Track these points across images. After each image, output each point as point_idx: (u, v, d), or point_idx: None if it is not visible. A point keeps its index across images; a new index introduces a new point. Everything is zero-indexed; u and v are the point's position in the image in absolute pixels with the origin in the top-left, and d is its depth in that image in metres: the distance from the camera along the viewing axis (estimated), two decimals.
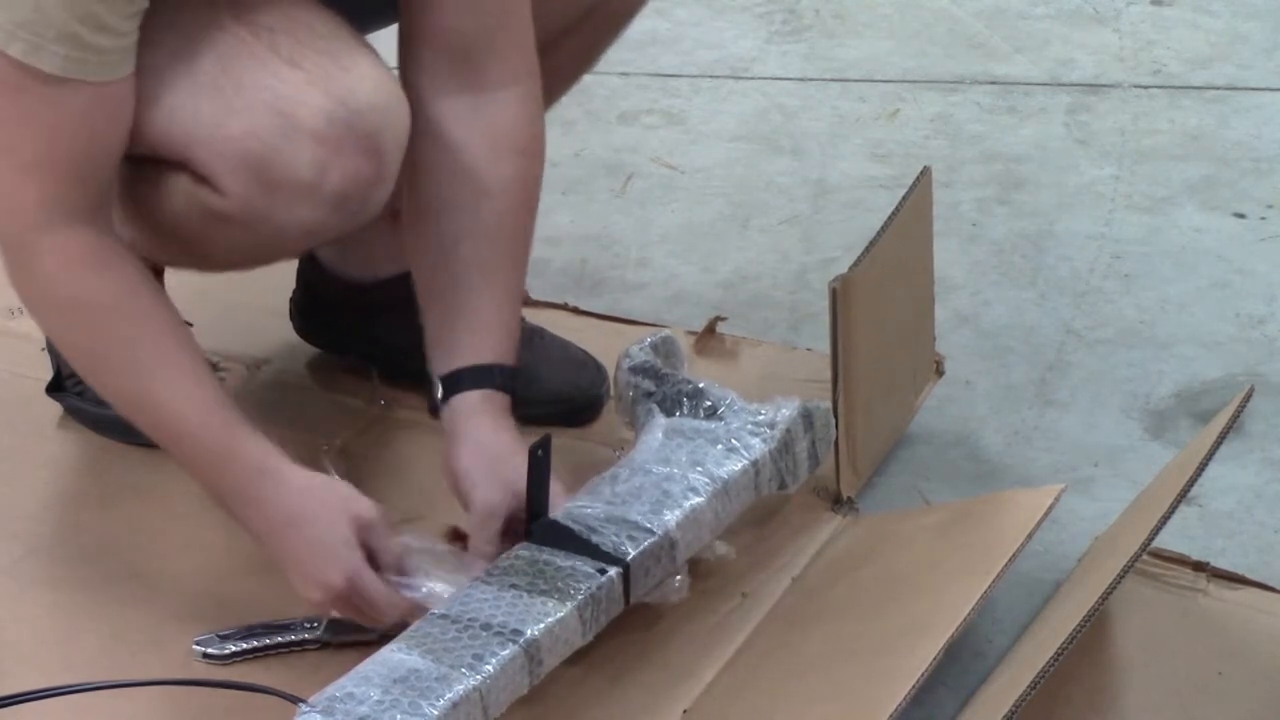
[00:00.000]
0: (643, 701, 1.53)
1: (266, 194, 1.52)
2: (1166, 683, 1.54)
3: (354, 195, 1.53)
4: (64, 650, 1.58)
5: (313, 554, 1.50)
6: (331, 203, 1.53)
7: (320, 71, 1.51)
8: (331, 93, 1.51)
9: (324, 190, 1.52)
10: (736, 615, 1.61)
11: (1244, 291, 2.16)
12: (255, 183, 1.51)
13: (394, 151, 1.55)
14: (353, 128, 1.51)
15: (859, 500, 1.76)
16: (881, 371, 1.80)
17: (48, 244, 1.50)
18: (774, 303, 2.16)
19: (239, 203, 1.52)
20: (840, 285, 1.68)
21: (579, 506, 1.56)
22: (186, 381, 1.53)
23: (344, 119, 1.50)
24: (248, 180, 1.51)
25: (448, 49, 1.62)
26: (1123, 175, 2.43)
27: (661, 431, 1.66)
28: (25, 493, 1.79)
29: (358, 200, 1.54)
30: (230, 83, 1.51)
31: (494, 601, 1.45)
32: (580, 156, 2.49)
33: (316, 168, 1.51)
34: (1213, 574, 1.65)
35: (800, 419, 1.68)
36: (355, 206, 1.55)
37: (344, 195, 1.53)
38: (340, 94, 1.51)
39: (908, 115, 2.61)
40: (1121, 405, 1.95)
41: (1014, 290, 2.18)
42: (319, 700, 1.35)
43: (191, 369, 1.54)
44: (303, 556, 1.51)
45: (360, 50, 1.56)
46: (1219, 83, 2.68)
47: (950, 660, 1.49)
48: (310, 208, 1.53)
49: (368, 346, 1.92)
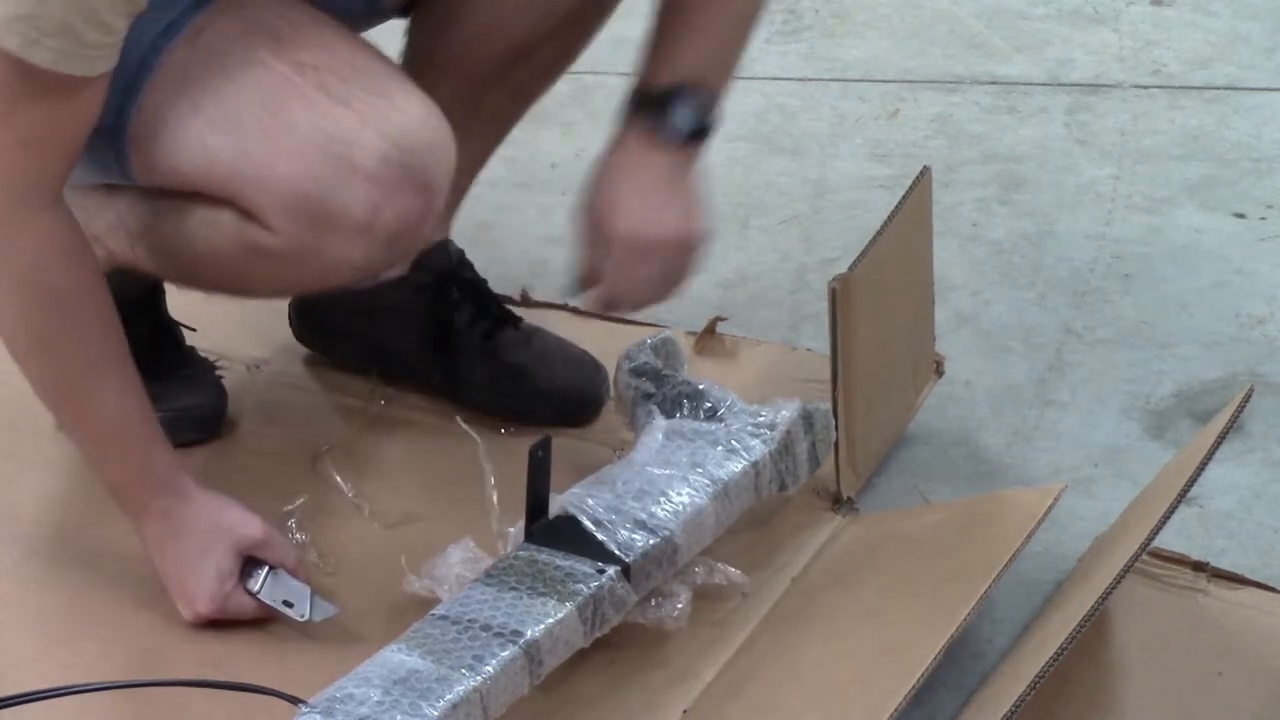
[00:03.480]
0: (643, 701, 1.53)
1: (319, 233, 1.52)
2: (1166, 683, 1.54)
3: (405, 233, 1.55)
4: (64, 651, 1.58)
5: (188, 574, 1.59)
6: (383, 241, 1.54)
7: (371, 110, 1.51)
8: (385, 132, 1.51)
9: (377, 229, 1.53)
10: (736, 615, 1.61)
11: (1244, 291, 2.16)
12: (308, 222, 1.52)
13: (442, 186, 1.56)
14: (406, 167, 1.52)
15: (859, 500, 1.76)
16: (881, 371, 1.80)
17: (32, 224, 1.50)
18: (774, 303, 2.16)
19: (290, 241, 1.53)
20: (840, 285, 1.68)
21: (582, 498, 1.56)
22: (125, 384, 1.57)
23: (398, 159, 1.51)
24: (300, 220, 1.52)
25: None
26: (1123, 175, 2.43)
27: (661, 433, 1.66)
28: (25, 493, 1.79)
29: (408, 237, 1.56)
30: (280, 124, 1.51)
31: (494, 602, 1.45)
32: (580, 156, 2.49)
33: (370, 208, 1.51)
34: (1213, 574, 1.65)
35: (800, 420, 1.68)
36: (405, 243, 1.56)
37: (395, 233, 1.54)
38: (393, 133, 1.51)
39: (908, 115, 2.61)
40: (1121, 405, 1.95)
41: (1014, 290, 2.18)
42: (319, 701, 1.35)
43: (131, 375, 1.57)
44: (181, 575, 1.59)
45: (404, 84, 1.56)
46: (1219, 83, 2.68)
47: (950, 660, 1.49)
48: (362, 246, 1.54)
49: (366, 349, 1.92)
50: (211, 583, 1.58)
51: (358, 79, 1.54)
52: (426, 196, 1.54)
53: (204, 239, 1.59)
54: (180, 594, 1.60)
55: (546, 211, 2.36)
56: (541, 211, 2.36)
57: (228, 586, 1.58)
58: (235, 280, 1.64)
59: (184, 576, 1.59)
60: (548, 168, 2.46)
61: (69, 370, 1.56)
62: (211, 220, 1.57)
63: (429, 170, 1.54)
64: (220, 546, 1.59)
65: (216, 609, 1.58)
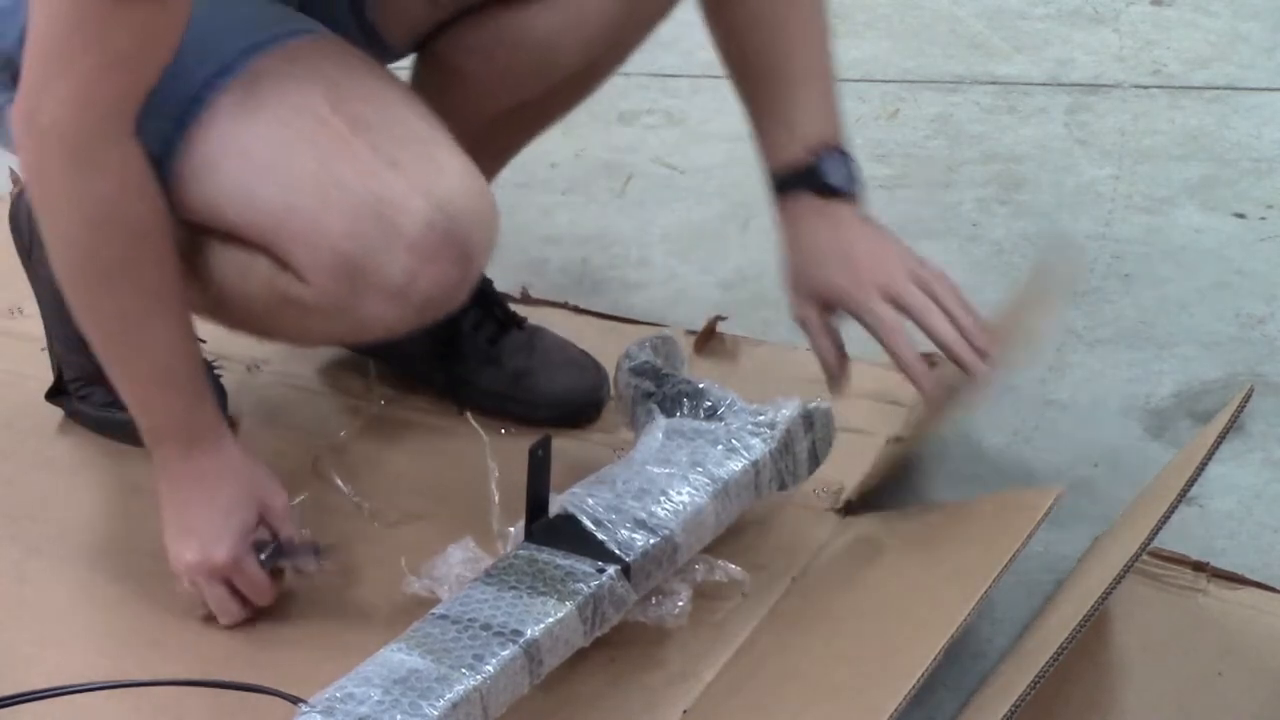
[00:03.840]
0: (643, 701, 1.53)
1: (354, 293, 1.51)
2: (1166, 683, 1.54)
3: (440, 299, 1.53)
4: (64, 651, 1.58)
5: (209, 524, 1.58)
6: (417, 306, 1.53)
7: (419, 175, 1.50)
8: (431, 198, 1.49)
9: (412, 295, 1.51)
10: (736, 615, 1.61)
11: (1244, 291, 2.16)
12: (345, 281, 1.50)
13: (483, 256, 1.55)
14: (449, 235, 1.50)
15: (859, 500, 1.76)
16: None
17: (115, 155, 1.47)
18: (774, 303, 2.15)
19: (324, 296, 1.52)
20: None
21: (582, 497, 1.56)
22: (181, 323, 1.56)
23: (442, 226, 1.49)
24: (338, 278, 1.50)
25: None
26: (1123, 175, 2.43)
27: (662, 432, 1.66)
28: (25, 493, 1.79)
29: (443, 303, 1.54)
30: (331, 180, 1.49)
31: (494, 602, 1.45)
32: (580, 156, 2.49)
33: (409, 274, 1.50)
34: (1213, 574, 1.65)
35: (800, 419, 1.68)
36: (439, 308, 1.55)
37: (430, 299, 1.53)
38: (439, 200, 1.49)
39: (908, 115, 2.61)
40: (1121, 405, 1.95)
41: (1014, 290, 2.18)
42: (319, 700, 1.35)
43: (186, 315, 1.57)
44: (201, 523, 1.58)
45: (451, 148, 1.55)
46: (1219, 83, 2.68)
47: (950, 660, 1.49)
48: (396, 309, 1.52)
49: (370, 352, 1.93)
50: (233, 536, 1.58)
51: (409, 140, 1.52)
52: (465, 265, 1.52)
53: (235, 280, 1.58)
54: (191, 540, 1.58)
55: (546, 211, 2.37)
56: (541, 211, 2.37)
57: (246, 544, 1.58)
58: (261, 324, 1.63)
59: (204, 525, 1.58)
60: (548, 168, 2.46)
61: (133, 305, 1.54)
62: (246, 264, 1.56)
63: (470, 240, 1.52)
64: (248, 506, 1.59)
65: (231, 562, 1.57)
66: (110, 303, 1.54)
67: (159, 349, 1.56)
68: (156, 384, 1.58)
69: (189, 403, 1.59)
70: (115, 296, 1.53)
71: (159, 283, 1.54)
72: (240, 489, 1.60)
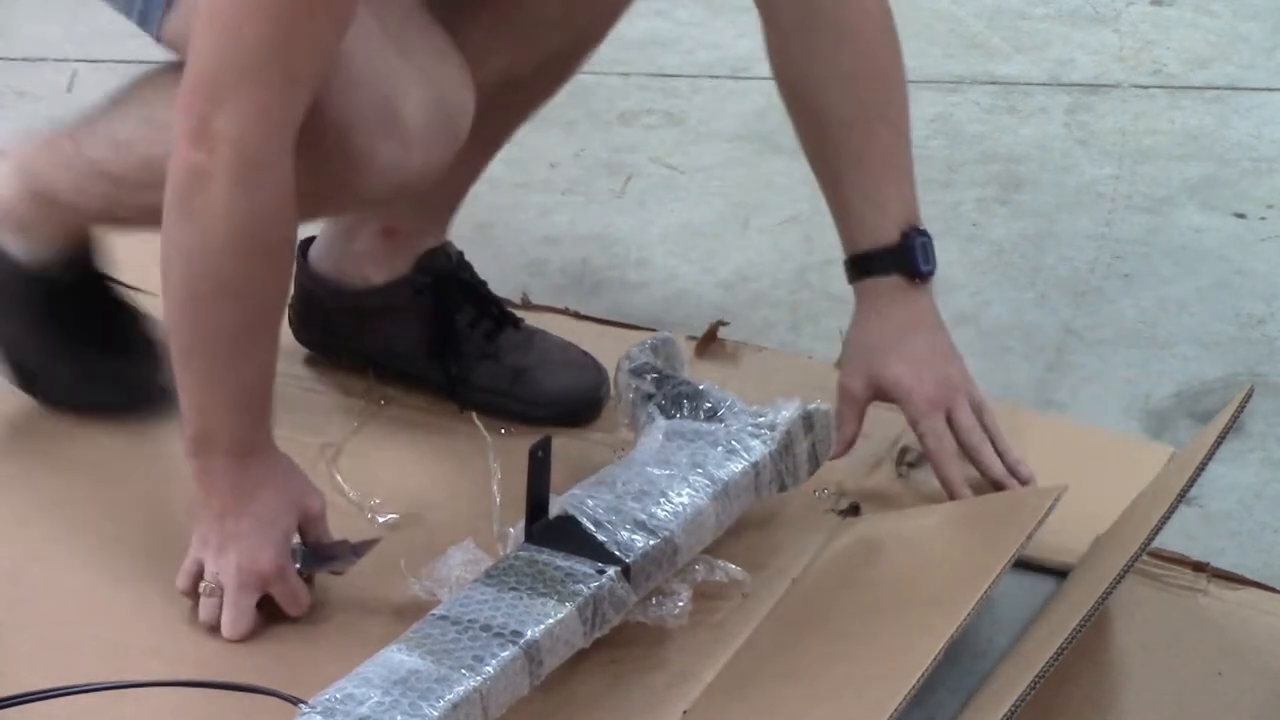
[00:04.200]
0: (643, 701, 1.53)
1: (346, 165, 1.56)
2: (1166, 683, 1.54)
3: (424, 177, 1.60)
4: (64, 652, 1.58)
5: (254, 532, 1.56)
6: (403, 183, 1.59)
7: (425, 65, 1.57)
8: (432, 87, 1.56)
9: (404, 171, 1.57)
10: (736, 615, 1.61)
11: (1244, 291, 2.16)
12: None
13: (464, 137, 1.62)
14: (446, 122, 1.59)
15: (859, 500, 1.76)
16: None
17: (277, 170, 1.47)
18: (774, 303, 2.16)
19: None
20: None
21: (582, 499, 1.56)
22: (276, 341, 1.57)
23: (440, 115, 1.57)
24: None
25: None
26: (1123, 175, 2.43)
27: (662, 433, 1.66)
28: (25, 494, 1.79)
29: (420, 183, 1.60)
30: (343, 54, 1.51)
31: (494, 603, 1.45)
32: (580, 156, 2.49)
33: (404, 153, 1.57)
34: (1213, 574, 1.65)
35: (800, 420, 1.68)
36: (417, 187, 1.61)
37: (423, 175, 1.59)
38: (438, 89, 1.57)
39: None
40: (1121, 405, 1.95)
41: (1014, 290, 2.18)
42: (319, 701, 1.35)
43: (279, 334, 1.58)
44: (242, 531, 1.57)
45: (453, 49, 1.61)
46: (1219, 83, 2.68)
47: (950, 660, 1.49)
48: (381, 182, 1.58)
49: (366, 351, 1.93)
50: (277, 545, 1.57)
51: (421, 34, 1.57)
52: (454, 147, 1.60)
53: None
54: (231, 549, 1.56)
55: (546, 211, 2.36)
56: (541, 211, 2.37)
57: (288, 553, 1.58)
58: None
59: (247, 533, 1.56)
60: (548, 168, 2.46)
61: (245, 322, 1.54)
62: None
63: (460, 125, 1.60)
64: (290, 513, 1.58)
65: (276, 570, 1.56)
66: (224, 319, 1.53)
67: (251, 369, 1.56)
68: (234, 403, 1.57)
69: (256, 420, 1.58)
70: (231, 313, 1.53)
71: (274, 304, 1.56)
72: (283, 497, 1.59)
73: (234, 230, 1.48)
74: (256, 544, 1.57)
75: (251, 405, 1.58)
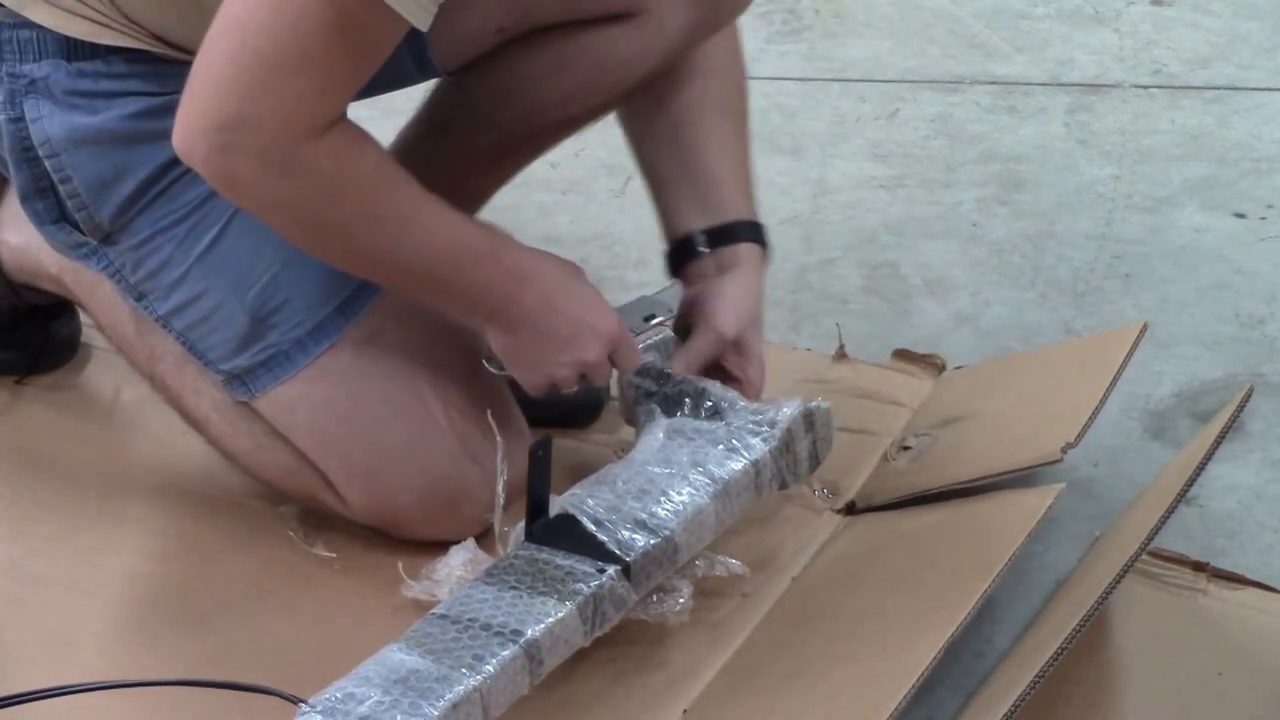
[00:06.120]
0: (643, 701, 1.53)
1: (394, 529, 1.68)
2: (1166, 683, 1.54)
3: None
4: (63, 651, 1.58)
5: (588, 308, 1.63)
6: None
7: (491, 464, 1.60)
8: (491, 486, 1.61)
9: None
10: (736, 615, 1.61)
11: (1244, 291, 2.16)
12: (390, 526, 1.67)
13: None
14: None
15: (860, 500, 1.76)
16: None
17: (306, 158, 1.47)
18: (774, 302, 2.15)
19: (359, 518, 1.68)
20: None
21: (582, 498, 1.56)
22: (443, 207, 1.55)
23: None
24: (383, 523, 1.67)
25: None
26: (1123, 175, 2.43)
27: (662, 432, 1.65)
28: (25, 493, 1.79)
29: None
30: (418, 468, 1.64)
31: (494, 602, 1.45)
32: (580, 156, 2.49)
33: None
34: (1213, 574, 1.65)
35: (801, 418, 1.68)
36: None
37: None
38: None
39: (908, 115, 2.61)
40: (1121, 405, 1.95)
41: (1014, 290, 2.18)
42: (319, 700, 1.35)
43: (442, 202, 1.56)
44: (579, 312, 1.62)
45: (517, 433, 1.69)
46: (1219, 83, 2.68)
47: (950, 660, 1.49)
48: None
49: None
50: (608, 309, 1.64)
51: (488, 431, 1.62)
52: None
53: (274, 471, 1.69)
54: (574, 335, 1.62)
55: (546, 211, 2.36)
56: (541, 211, 2.36)
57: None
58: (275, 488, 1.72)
59: (578, 314, 1.63)
60: (547, 168, 2.45)
61: (386, 230, 1.54)
62: (293, 467, 1.68)
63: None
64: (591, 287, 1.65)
65: (619, 326, 1.65)
66: (365, 241, 1.54)
67: (442, 234, 1.56)
68: (450, 263, 1.58)
69: (491, 251, 1.58)
70: (370, 234, 1.53)
71: (407, 202, 1.54)
72: (584, 283, 1.64)
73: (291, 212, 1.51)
74: (592, 317, 1.63)
75: (468, 242, 1.58)
